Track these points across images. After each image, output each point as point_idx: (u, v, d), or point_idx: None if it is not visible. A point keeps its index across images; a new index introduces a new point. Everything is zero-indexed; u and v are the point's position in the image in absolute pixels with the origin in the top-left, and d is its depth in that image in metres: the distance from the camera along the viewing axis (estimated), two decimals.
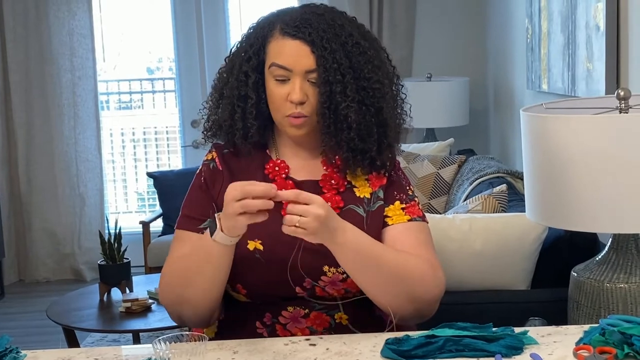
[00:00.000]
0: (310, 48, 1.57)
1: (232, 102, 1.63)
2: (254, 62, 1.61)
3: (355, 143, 1.60)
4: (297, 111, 1.58)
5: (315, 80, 1.58)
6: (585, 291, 1.86)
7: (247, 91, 1.61)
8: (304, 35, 1.57)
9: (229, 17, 5.70)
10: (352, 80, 1.57)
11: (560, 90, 3.38)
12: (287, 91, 1.59)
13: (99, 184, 5.64)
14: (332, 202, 1.61)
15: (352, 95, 1.57)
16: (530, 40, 3.90)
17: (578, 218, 1.76)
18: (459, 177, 4.07)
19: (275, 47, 1.60)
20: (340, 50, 1.57)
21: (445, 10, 5.45)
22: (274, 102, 1.61)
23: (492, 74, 5.24)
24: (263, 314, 1.62)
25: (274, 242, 1.58)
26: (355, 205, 1.64)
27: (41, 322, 4.20)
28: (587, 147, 1.70)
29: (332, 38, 1.57)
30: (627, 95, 1.83)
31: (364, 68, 1.59)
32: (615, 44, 2.72)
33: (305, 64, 1.57)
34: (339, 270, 1.58)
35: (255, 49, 1.62)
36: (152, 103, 6.05)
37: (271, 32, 1.61)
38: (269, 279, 1.59)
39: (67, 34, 5.43)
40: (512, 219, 2.51)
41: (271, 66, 1.59)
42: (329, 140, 1.60)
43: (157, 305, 3.62)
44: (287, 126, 1.62)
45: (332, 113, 1.58)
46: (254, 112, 1.62)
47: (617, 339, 1.33)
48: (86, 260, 5.57)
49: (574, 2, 3.13)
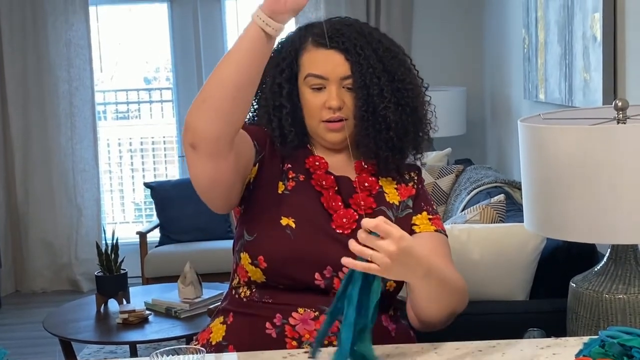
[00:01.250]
0: (344, 56, 1.66)
1: (268, 112, 1.70)
2: (287, 74, 1.69)
3: (394, 142, 1.68)
4: (335, 116, 1.67)
5: (350, 86, 1.67)
6: (584, 302, 1.86)
7: (281, 101, 1.69)
8: (337, 45, 1.66)
9: (226, 27, 5.71)
10: (387, 83, 1.66)
11: (557, 100, 3.39)
12: (323, 99, 1.67)
13: (96, 195, 5.64)
14: (365, 202, 1.69)
15: (389, 96, 1.66)
16: (527, 50, 3.90)
17: (576, 228, 1.76)
18: (457, 186, 4.07)
19: (309, 58, 1.68)
20: (373, 56, 1.66)
21: (442, 20, 5.46)
22: (310, 110, 1.69)
23: (489, 84, 5.25)
24: (274, 315, 1.63)
25: (306, 222, 1.64)
26: (386, 208, 1.71)
27: (38, 334, 4.18)
28: (585, 157, 1.70)
29: (364, 45, 1.66)
30: (624, 105, 1.83)
31: (397, 71, 1.69)
32: (613, 54, 2.73)
33: (340, 72, 1.66)
34: None
35: (288, 62, 1.70)
36: (149, 113, 6.06)
37: (303, 44, 1.70)
38: (293, 255, 1.61)
39: (64, 44, 5.43)
40: (510, 229, 2.51)
41: (307, 77, 1.68)
42: (368, 142, 1.68)
43: (154, 317, 3.61)
44: (325, 132, 1.69)
45: (371, 115, 1.66)
46: (289, 119, 1.69)
47: (617, 351, 1.32)
48: (83, 271, 5.56)
49: (570, 12, 3.14)
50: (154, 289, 4.11)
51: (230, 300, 1.74)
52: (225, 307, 1.75)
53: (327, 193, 1.69)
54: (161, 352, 1.32)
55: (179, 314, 3.59)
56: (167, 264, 4.75)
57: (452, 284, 1.59)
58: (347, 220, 1.67)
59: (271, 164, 1.70)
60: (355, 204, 1.69)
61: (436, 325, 1.62)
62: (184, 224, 5.07)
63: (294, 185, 1.69)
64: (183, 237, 5.05)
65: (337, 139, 1.70)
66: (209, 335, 1.70)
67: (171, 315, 3.61)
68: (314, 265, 1.62)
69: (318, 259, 1.62)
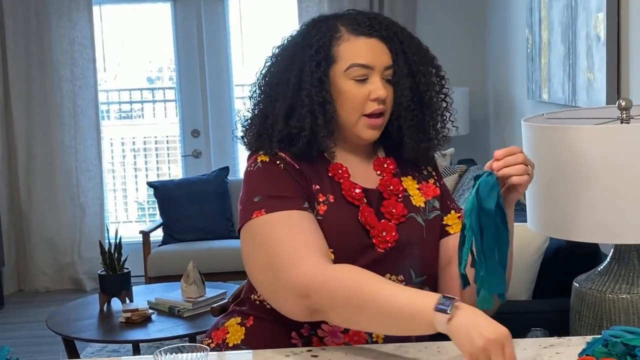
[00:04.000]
0: (387, 44, 1.60)
1: (312, 110, 1.56)
2: (324, 66, 1.58)
3: (435, 131, 1.66)
4: (380, 107, 1.58)
5: (390, 77, 1.60)
6: (587, 302, 1.86)
7: (325, 97, 1.57)
8: (379, 33, 1.60)
9: (229, 27, 5.71)
10: (429, 71, 1.64)
11: (560, 100, 3.38)
12: (367, 90, 1.58)
13: (99, 194, 5.64)
14: (397, 209, 1.62)
15: (432, 84, 1.64)
16: (531, 50, 3.90)
17: (579, 228, 1.76)
18: (460, 186, 4.07)
19: (350, 47, 1.58)
20: (412, 44, 1.63)
21: (446, 20, 5.46)
22: (353, 103, 1.58)
23: (493, 84, 5.25)
24: (302, 325, 1.56)
25: (346, 248, 1.55)
26: (415, 213, 1.65)
27: (41, 332, 4.19)
28: (588, 157, 1.70)
29: (401, 33, 1.62)
30: (628, 105, 1.82)
31: (432, 60, 1.66)
32: (616, 54, 2.72)
33: (384, 60, 1.59)
34: (399, 278, 1.59)
35: (323, 54, 1.58)
36: (152, 112, 6.06)
37: (336, 34, 1.59)
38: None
39: (68, 43, 5.44)
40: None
41: (350, 67, 1.58)
42: (411, 134, 1.62)
43: (157, 316, 3.61)
44: (365, 128, 1.60)
45: (416, 105, 1.62)
46: (335, 117, 1.58)
47: (620, 350, 1.32)
48: (86, 270, 5.57)
49: (574, 12, 3.14)
50: (157, 288, 4.11)
51: (250, 306, 1.66)
52: (243, 310, 1.67)
53: (363, 208, 1.59)
54: (165, 350, 1.32)
55: (182, 313, 3.60)
56: (170, 263, 4.76)
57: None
58: (387, 233, 1.59)
59: (308, 197, 1.55)
60: (387, 212, 1.61)
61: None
62: (186, 224, 5.08)
63: (326, 210, 1.56)
64: (186, 236, 5.06)
65: (374, 136, 1.62)
66: (225, 336, 1.65)
67: (174, 314, 3.61)
68: None
69: None
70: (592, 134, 1.72)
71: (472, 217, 1.43)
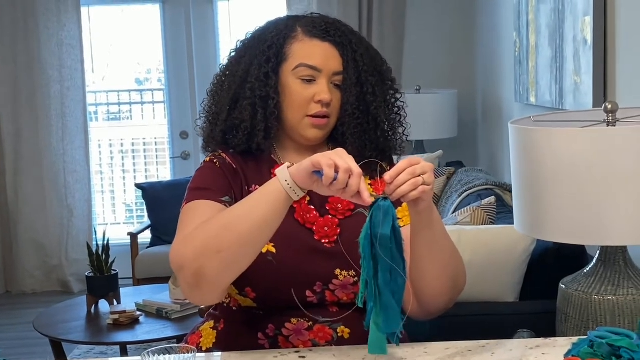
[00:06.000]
0: (339, 51, 1.62)
1: (254, 103, 1.61)
2: (274, 63, 1.62)
3: (380, 142, 1.65)
4: (323, 110, 1.60)
5: (339, 83, 1.62)
6: (573, 303, 1.87)
7: (268, 92, 1.61)
8: (332, 38, 1.62)
9: (218, 28, 5.71)
10: (379, 83, 1.64)
11: (548, 103, 3.40)
12: (312, 92, 1.61)
13: (87, 195, 5.63)
14: (341, 204, 1.63)
15: (380, 96, 1.64)
16: (519, 53, 3.92)
17: (566, 230, 1.77)
18: (448, 189, 4.08)
19: (302, 48, 1.62)
20: (366, 55, 1.63)
21: (434, 23, 5.48)
22: (297, 102, 1.61)
23: (481, 87, 5.27)
24: (266, 325, 1.60)
25: (286, 244, 1.57)
26: (363, 209, 1.64)
27: (28, 334, 4.17)
28: (575, 160, 1.71)
29: (357, 42, 1.63)
30: (614, 108, 1.84)
31: (387, 73, 1.67)
32: (603, 57, 2.74)
33: (334, 66, 1.61)
34: (350, 274, 1.59)
35: (275, 51, 1.62)
36: (141, 114, 6.05)
37: (292, 34, 1.63)
38: (279, 280, 1.57)
39: (56, 45, 5.43)
40: (500, 231, 2.52)
41: (298, 67, 1.61)
42: (354, 141, 1.62)
43: (145, 317, 3.61)
44: (308, 127, 1.62)
45: (361, 114, 1.62)
46: (276, 112, 1.61)
47: (605, 351, 1.33)
48: (74, 271, 5.55)
49: (561, 15, 3.16)
50: (145, 289, 4.10)
51: (221, 309, 1.70)
52: (216, 314, 1.71)
53: (299, 207, 1.62)
54: (152, 351, 1.32)
55: (169, 315, 3.59)
56: (158, 265, 4.75)
57: (452, 243, 1.55)
58: (329, 228, 1.61)
59: (240, 195, 1.60)
60: (332, 208, 1.64)
61: (439, 304, 1.55)
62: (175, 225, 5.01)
63: None
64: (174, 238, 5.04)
65: (318, 136, 1.64)
66: (199, 340, 1.68)
67: (162, 316, 3.60)
68: (303, 284, 1.58)
69: (306, 279, 1.58)
70: (579, 137, 1.73)
71: (366, 246, 1.36)
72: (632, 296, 1.81)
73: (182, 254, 1.47)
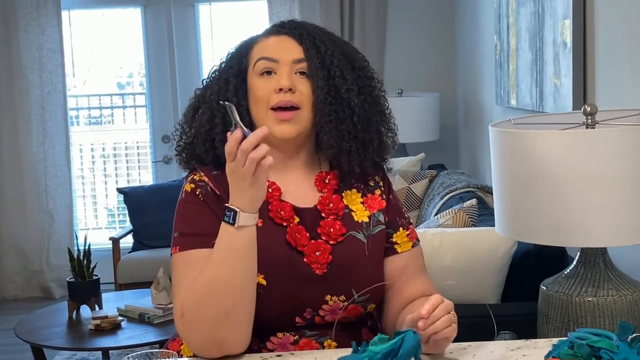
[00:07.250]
0: (297, 40, 1.59)
1: (212, 107, 1.58)
2: (235, 69, 1.61)
3: (357, 131, 1.58)
4: (286, 99, 1.54)
5: (305, 70, 1.57)
6: (554, 305, 1.88)
7: (227, 95, 1.57)
8: (289, 31, 1.61)
9: (200, 32, 5.70)
10: (347, 67, 1.59)
11: (528, 105, 3.42)
12: (273, 83, 1.56)
13: (68, 200, 5.59)
14: (333, 229, 1.58)
15: (351, 79, 1.58)
16: (499, 56, 3.94)
17: (546, 232, 1.78)
18: (430, 191, 4.10)
19: (259, 47, 1.61)
20: (330, 43, 1.60)
21: (416, 26, 5.50)
22: (259, 97, 1.56)
23: (462, 90, 5.29)
24: (251, 339, 1.53)
25: (277, 275, 1.53)
26: (355, 231, 1.61)
27: (9, 340, 4.14)
28: (554, 162, 1.72)
29: (319, 33, 1.61)
30: (593, 110, 1.85)
31: (356, 58, 1.62)
32: (582, 60, 2.76)
33: (292, 54, 1.57)
34: (340, 299, 1.57)
35: (238, 59, 1.62)
36: (122, 118, 6.02)
37: (254, 41, 1.64)
38: (269, 312, 1.52)
39: (36, 49, 5.39)
40: (482, 233, 2.53)
41: (256, 63, 1.59)
42: (329, 130, 1.56)
43: (127, 323, 3.59)
44: (273, 122, 1.54)
45: (333, 99, 1.56)
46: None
47: (585, 352, 1.34)
48: (55, 277, 5.51)
49: (541, 19, 3.18)
50: (127, 295, 4.08)
51: None
52: None
53: (290, 228, 1.56)
54: (134, 356, 1.32)
55: (152, 320, 3.57)
56: (140, 269, 4.72)
57: None
58: (320, 253, 1.56)
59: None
60: (324, 233, 1.58)
61: None
62: (157, 230, 5.04)
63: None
64: (156, 242, 5.02)
65: (287, 132, 1.55)
66: (180, 347, 1.64)
67: (144, 321, 3.59)
68: (293, 312, 1.55)
69: (296, 307, 1.55)
70: (558, 139, 1.74)
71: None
72: (612, 297, 1.82)
73: (194, 334, 1.48)
